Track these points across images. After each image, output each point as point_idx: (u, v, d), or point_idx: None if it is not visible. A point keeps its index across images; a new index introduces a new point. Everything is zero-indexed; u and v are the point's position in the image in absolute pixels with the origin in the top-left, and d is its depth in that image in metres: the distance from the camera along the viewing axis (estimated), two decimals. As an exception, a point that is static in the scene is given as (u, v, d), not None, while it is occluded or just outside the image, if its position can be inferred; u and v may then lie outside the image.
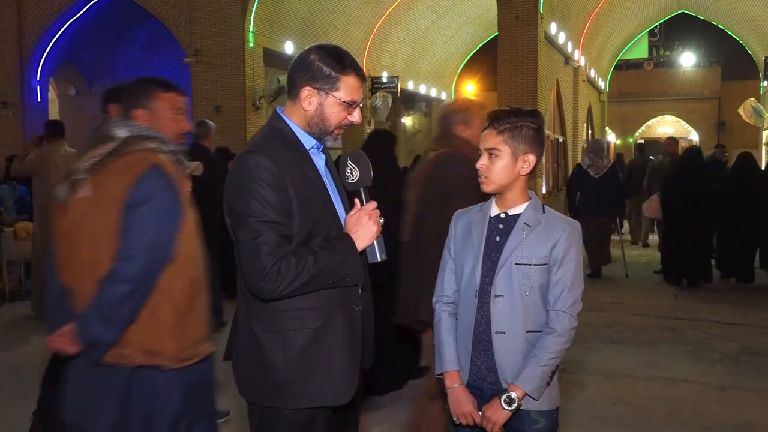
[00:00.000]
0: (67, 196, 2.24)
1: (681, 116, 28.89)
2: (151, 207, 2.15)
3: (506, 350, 2.05)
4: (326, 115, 2.01)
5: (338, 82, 1.99)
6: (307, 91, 1.99)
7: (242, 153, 1.95)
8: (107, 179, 2.18)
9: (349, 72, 2.00)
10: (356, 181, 2.02)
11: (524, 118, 2.07)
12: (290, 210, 1.92)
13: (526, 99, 13.78)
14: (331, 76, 1.98)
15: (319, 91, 1.99)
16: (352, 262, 1.95)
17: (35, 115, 16.89)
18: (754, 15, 21.69)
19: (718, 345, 5.69)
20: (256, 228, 1.87)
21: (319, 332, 1.96)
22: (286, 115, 2.05)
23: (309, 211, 1.95)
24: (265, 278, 1.86)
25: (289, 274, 1.86)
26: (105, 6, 17.16)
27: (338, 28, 18.94)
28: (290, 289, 1.88)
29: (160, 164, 2.21)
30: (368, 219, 1.98)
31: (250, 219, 1.88)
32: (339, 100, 2.00)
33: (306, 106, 2.01)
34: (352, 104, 2.02)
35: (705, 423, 4.07)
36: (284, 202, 1.90)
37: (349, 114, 2.03)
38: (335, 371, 1.99)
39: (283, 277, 1.86)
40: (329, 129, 2.03)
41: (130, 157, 2.20)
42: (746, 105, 18.95)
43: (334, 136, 2.06)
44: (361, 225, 1.97)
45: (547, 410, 2.09)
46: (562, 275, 2.03)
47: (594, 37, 22.40)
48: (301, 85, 2.00)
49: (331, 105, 2.00)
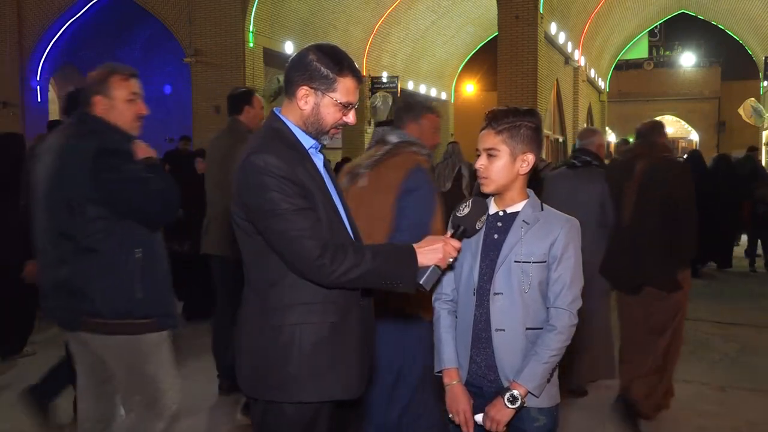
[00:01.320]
0: (348, 186, 2.88)
1: (681, 116, 28.91)
2: (419, 194, 2.81)
3: (506, 348, 2.05)
4: (322, 115, 2.01)
5: (335, 83, 1.99)
6: (304, 90, 2.00)
7: (246, 155, 1.94)
8: (385, 173, 2.87)
9: (347, 73, 2.01)
10: (462, 216, 2.04)
11: (522, 117, 2.07)
12: (309, 196, 1.94)
13: (526, 99, 13.78)
14: (328, 77, 1.98)
15: (316, 91, 2.00)
16: (410, 269, 1.94)
17: (35, 115, 16.90)
18: (754, 15, 21.70)
19: (718, 345, 5.68)
20: (288, 218, 1.88)
21: (336, 326, 1.98)
22: (283, 114, 2.06)
23: (317, 205, 1.97)
24: (320, 258, 1.86)
25: (347, 261, 1.87)
26: (105, 6, 17.17)
27: (338, 28, 18.95)
28: (348, 278, 1.88)
29: (421, 163, 2.90)
30: (441, 247, 1.96)
31: (279, 211, 1.88)
32: (335, 101, 2.00)
33: (302, 106, 2.01)
34: (348, 106, 2.03)
35: (705, 423, 4.07)
36: (302, 190, 1.92)
37: (345, 115, 2.04)
38: (350, 365, 2.01)
39: (340, 262, 1.87)
40: (325, 129, 2.04)
41: (400, 158, 2.90)
42: (746, 105, 18.97)
43: (330, 135, 2.08)
44: (432, 248, 1.96)
45: (547, 407, 2.09)
46: (561, 272, 2.03)
47: (594, 37, 22.41)
48: (299, 84, 2.00)
49: (328, 105, 2.01)
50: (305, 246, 1.86)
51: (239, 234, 2.02)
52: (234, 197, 1.99)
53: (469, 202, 2.06)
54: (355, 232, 2.13)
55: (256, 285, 2.02)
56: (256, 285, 2.02)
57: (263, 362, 1.98)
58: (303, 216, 1.89)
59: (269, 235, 1.92)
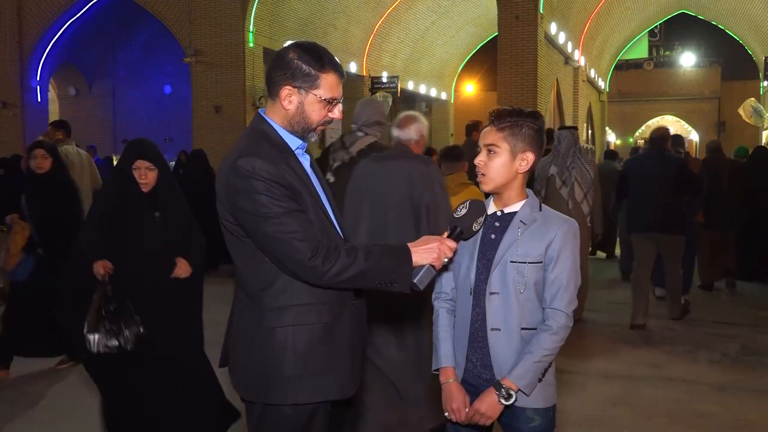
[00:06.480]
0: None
1: (681, 116, 28.92)
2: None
3: (501, 347, 2.06)
4: (307, 113, 2.01)
5: (318, 80, 1.99)
6: (287, 90, 1.99)
7: (232, 159, 1.94)
8: None
9: (329, 69, 2.00)
10: (459, 217, 2.03)
11: (525, 118, 2.08)
12: (298, 198, 1.93)
13: (526, 99, 13.78)
14: (310, 74, 1.98)
15: (299, 90, 1.99)
16: (404, 269, 1.93)
17: (35, 115, 16.91)
18: (754, 15, 21.70)
19: (718, 345, 5.68)
20: (278, 221, 1.88)
21: (329, 326, 1.98)
22: (268, 115, 2.06)
23: (306, 206, 1.96)
24: (312, 259, 1.86)
25: (339, 261, 1.87)
26: (105, 6, 17.18)
27: (338, 28, 18.95)
28: (341, 278, 1.89)
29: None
30: (437, 247, 1.96)
31: (269, 214, 1.88)
32: (319, 98, 2.00)
33: (287, 105, 2.01)
34: (333, 101, 2.02)
35: (705, 423, 4.06)
36: (291, 192, 1.92)
37: (330, 111, 2.04)
38: (344, 364, 2.02)
39: (333, 262, 1.87)
40: (311, 126, 2.04)
41: None
42: (746, 105, 18.96)
43: (317, 132, 2.08)
44: (427, 247, 1.96)
45: (543, 408, 2.08)
46: (558, 273, 2.03)
47: (594, 37, 22.41)
48: (281, 84, 2.00)
49: (312, 103, 2.00)
50: (297, 247, 1.86)
51: (229, 238, 2.01)
52: (222, 201, 1.98)
53: (467, 203, 2.05)
54: (345, 233, 2.13)
55: (248, 288, 2.02)
56: (248, 288, 2.02)
57: (258, 365, 1.98)
58: (293, 218, 1.89)
59: (260, 237, 1.91)
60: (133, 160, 3.39)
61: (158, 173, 3.42)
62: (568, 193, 5.95)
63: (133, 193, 3.39)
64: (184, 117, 17.07)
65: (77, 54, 18.88)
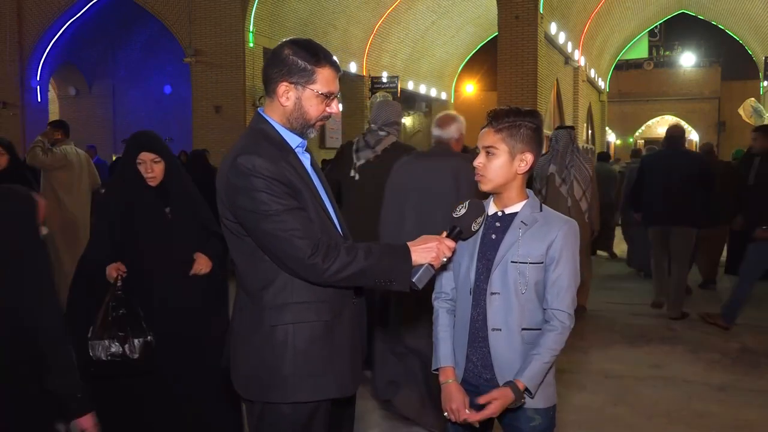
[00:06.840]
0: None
1: (681, 116, 28.90)
2: None
3: (502, 347, 2.06)
4: (305, 109, 2.02)
5: (314, 74, 2.00)
6: (284, 86, 2.00)
7: (232, 158, 1.94)
8: None
9: (324, 64, 2.01)
10: (458, 217, 2.03)
11: (523, 117, 2.07)
12: (298, 196, 1.94)
13: (526, 99, 13.78)
14: (306, 69, 1.99)
15: (296, 86, 2.00)
16: (404, 268, 1.94)
17: (35, 115, 16.91)
18: (754, 15, 21.69)
19: (718, 345, 5.68)
20: (279, 218, 1.88)
21: (329, 325, 1.98)
22: (267, 114, 2.06)
23: (306, 204, 1.97)
24: (312, 257, 1.86)
25: (339, 259, 1.88)
26: (105, 6, 17.18)
27: (338, 28, 18.94)
28: (341, 276, 1.89)
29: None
30: (436, 246, 1.97)
31: (269, 212, 1.88)
32: (316, 92, 2.01)
33: (284, 102, 2.01)
34: (330, 95, 2.03)
35: (705, 423, 4.06)
36: (291, 190, 1.92)
37: (327, 106, 2.05)
38: (344, 363, 2.02)
39: (333, 260, 1.87)
40: (310, 122, 2.05)
41: None
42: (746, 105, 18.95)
43: (316, 128, 2.09)
44: (426, 246, 1.96)
45: (543, 408, 2.09)
46: (560, 274, 2.03)
47: (594, 37, 22.40)
48: (278, 80, 2.01)
49: (309, 98, 2.01)
50: (296, 245, 1.86)
51: (229, 237, 2.02)
52: (222, 199, 1.98)
53: (467, 203, 2.05)
54: (345, 231, 2.13)
55: (248, 287, 2.02)
56: (248, 287, 2.02)
57: (258, 363, 1.98)
58: (293, 215, 1.89)
59: (260, 235, 1.91)
60: (136, 153, 3.06)
61: (165, 165, 3.10)
62: (567, 190, 6.04)
63: (140, 189, 3.07)
64: (184, 117, 17.07)
65: (77, 54, 18.88)
